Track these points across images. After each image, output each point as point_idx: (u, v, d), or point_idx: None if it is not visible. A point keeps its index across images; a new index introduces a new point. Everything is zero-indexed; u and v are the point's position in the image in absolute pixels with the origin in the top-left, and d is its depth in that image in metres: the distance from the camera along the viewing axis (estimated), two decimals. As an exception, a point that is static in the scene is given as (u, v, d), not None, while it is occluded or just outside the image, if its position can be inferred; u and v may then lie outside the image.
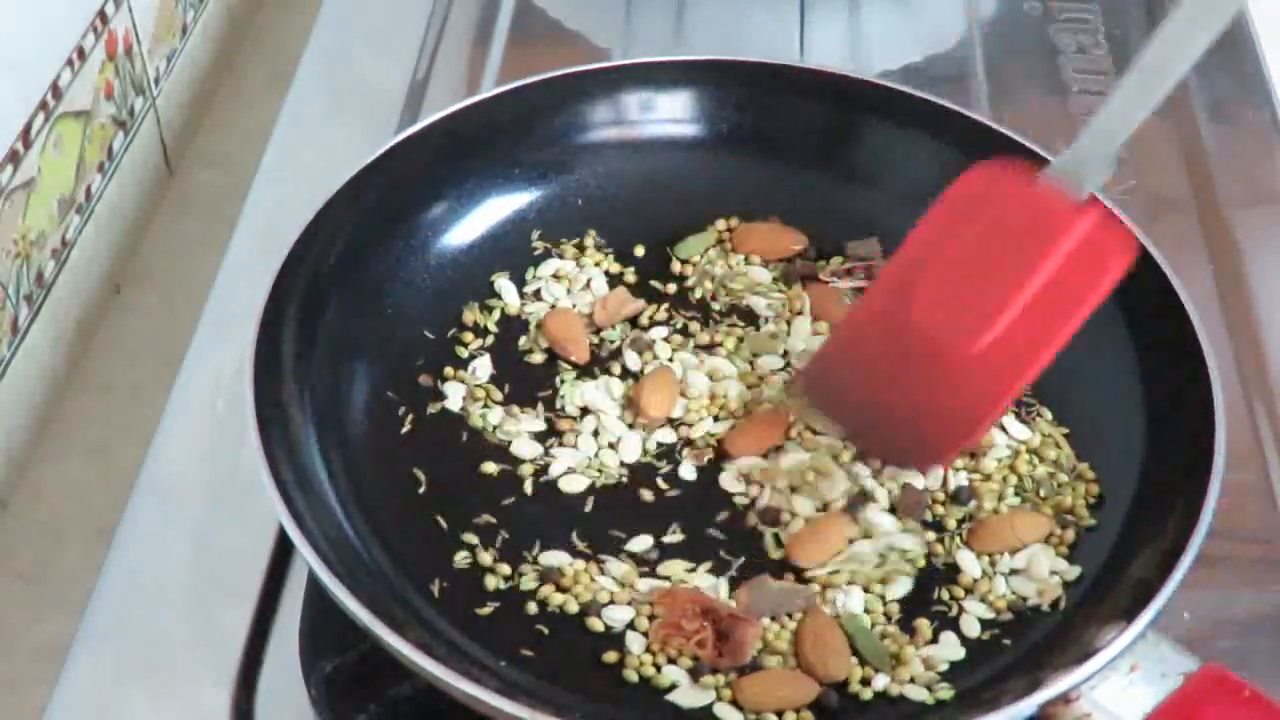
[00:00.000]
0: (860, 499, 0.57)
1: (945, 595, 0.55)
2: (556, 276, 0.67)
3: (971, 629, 0.54)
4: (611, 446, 0.60)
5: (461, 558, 0.56)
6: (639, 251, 0.68)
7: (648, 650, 0.54)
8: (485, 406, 0.62)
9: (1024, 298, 0.53)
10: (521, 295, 0.66)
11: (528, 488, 0.59)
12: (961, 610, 0.55)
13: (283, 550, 0.59)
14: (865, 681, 0.53)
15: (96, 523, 0.63)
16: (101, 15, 0.75)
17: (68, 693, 0.55)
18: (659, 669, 0.53)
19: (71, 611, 0.57)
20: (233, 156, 0.84)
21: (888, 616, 0.55)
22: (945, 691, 0.52)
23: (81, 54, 0.73)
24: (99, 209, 0.76)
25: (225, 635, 0.56)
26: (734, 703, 0.52)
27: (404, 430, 0.61)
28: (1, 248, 0.67)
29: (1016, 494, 0.59)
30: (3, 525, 0.67)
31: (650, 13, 0.87)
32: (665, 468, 0.60)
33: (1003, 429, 0.60)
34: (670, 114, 0.70)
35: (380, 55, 0.83)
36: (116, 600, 0.58)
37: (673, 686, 0.52)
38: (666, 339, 0.64)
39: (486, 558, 0.56)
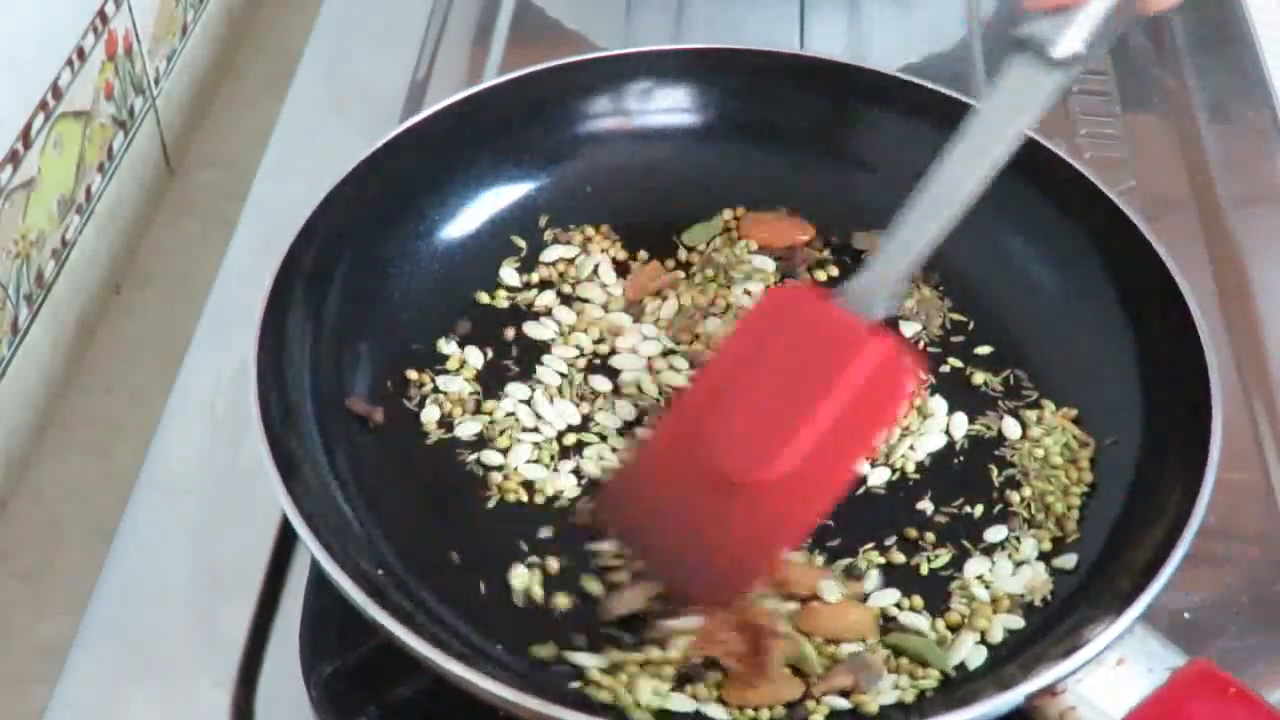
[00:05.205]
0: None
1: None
2: (564, 263, 0.67)
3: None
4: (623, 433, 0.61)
5: (461, 546, 0.56)
6: (646, 239, 0.68)
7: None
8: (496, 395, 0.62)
9: (814, 428, 0.52)
10: (528, 282, 0.66)
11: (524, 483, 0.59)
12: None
13: (283, 550, 0.59)
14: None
15: (96, 523, 0.63)
16: (101, 15, 0.75)
17: (68, 693, 0.55)
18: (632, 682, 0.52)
19: (71, 611, 0.57)
20: (233, 156, 0.84)
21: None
22: (930, 682, 0.53)
23: (81, 54, 0.73)
24: (99, 209, 0.76)
25: (225, 635, 0.56)
26: (720, 701, 0.52)
27: (406, 417, 0.61)
28: (1, 248, 0.67)
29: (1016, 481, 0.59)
30: (3, 525, 0.67)
31: (650, 13, 0.87)
32: None
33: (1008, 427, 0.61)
34: (679, 103, 0.70)
35: (380, 55, 0.83)
36: (116, 600, 0.58)
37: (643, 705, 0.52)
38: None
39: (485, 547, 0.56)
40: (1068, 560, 0.56)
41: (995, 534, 0.57)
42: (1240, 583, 0.60)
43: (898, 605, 0.55)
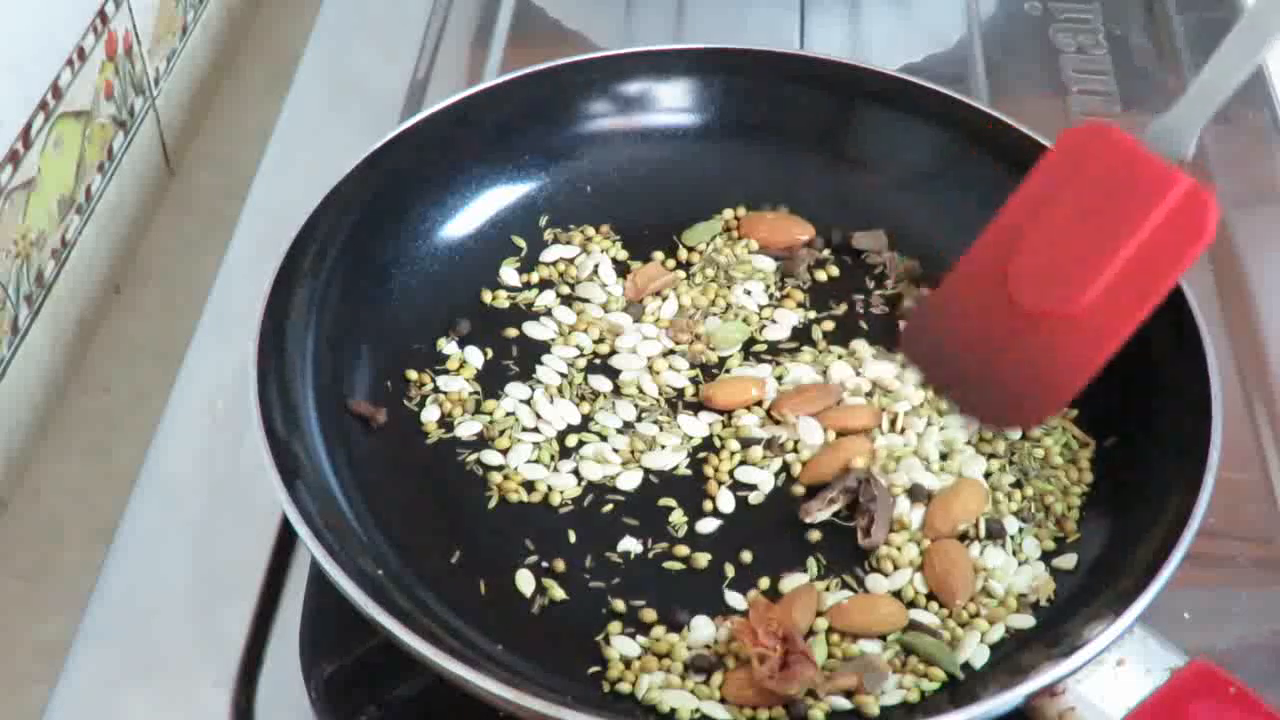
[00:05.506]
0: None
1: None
2: (564, 263, 0.67)
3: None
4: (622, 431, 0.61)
5: (461, 546, 0.56)
6: (646, 239, 0.68)
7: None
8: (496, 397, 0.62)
9: (1119, 263, 0.54)
10: (528, 282, 0.66)
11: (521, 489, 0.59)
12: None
13: (283, 551, 0.59)
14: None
15: (96, 523, 0.63)
16: (101, 15, 0.75)
17: (68, 693, 0.55)
18: (636, 680, 0.53)
19: (71, 611, 0.57)
20: (233, 156, 0.84)
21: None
22: (934, 683, 0.53)
23: (81, 54, 0.73)
24: (99, 209, 0.76)
25: (225, 635, 0.56)
26: (721, 700, 0.52)
27: (406, 417, 0.61)
28: (1, 248, 0.67)
29: (1016, 483, 0.59)
30: (3, 525, 0.67)
31: (650, 13, 0.88)
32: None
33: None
34: (679, 103, 0.70)
35: (380, 55, 0.83)
36: (116, 600, 0.58)
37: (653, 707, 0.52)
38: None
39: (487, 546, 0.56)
40: (1068, 560, 0.56)
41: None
42: (1240, 583, 0.60)
43: (913, 602, 0.55)
